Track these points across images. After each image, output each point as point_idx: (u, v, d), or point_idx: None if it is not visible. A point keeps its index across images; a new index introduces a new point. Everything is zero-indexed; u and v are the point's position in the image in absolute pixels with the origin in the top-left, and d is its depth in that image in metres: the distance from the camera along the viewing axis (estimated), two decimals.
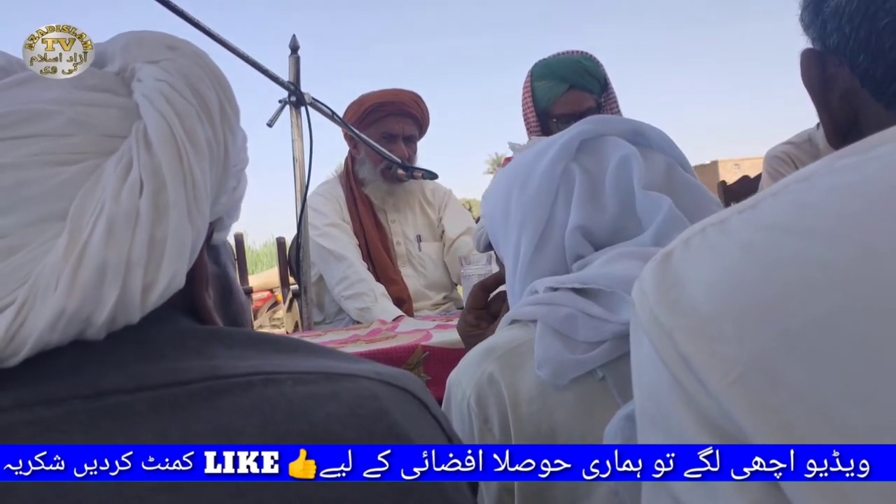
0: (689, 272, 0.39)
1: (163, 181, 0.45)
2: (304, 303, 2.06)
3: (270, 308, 5.15)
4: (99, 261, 0.41)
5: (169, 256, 0.44)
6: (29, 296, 0.41)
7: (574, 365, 0.69)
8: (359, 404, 0.45)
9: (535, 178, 0.82)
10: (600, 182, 0.80)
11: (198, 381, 0.43)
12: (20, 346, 0.40)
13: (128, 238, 0.42)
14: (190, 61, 0.52)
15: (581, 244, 0.78)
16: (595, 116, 0.87)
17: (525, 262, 0.81)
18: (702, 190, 0.84)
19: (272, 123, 1.97)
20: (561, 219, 0.80)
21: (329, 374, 0.46)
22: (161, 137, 0.46)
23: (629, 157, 0.79)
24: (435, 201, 2.50)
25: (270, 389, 0.43)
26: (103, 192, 0.44)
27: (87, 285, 0.41)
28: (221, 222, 0.57)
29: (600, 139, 0.83)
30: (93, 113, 0.47)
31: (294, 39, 2.01)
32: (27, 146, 0.45)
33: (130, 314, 0.43)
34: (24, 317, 0.40)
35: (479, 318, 1.05)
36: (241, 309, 0.62)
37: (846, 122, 0.51)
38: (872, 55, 0.47)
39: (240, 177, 0.57)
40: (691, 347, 0.36)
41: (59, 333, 0.41)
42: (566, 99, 2.25)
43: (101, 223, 0.42)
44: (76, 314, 0.41)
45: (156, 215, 0.44)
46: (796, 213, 0.37)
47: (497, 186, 0.90)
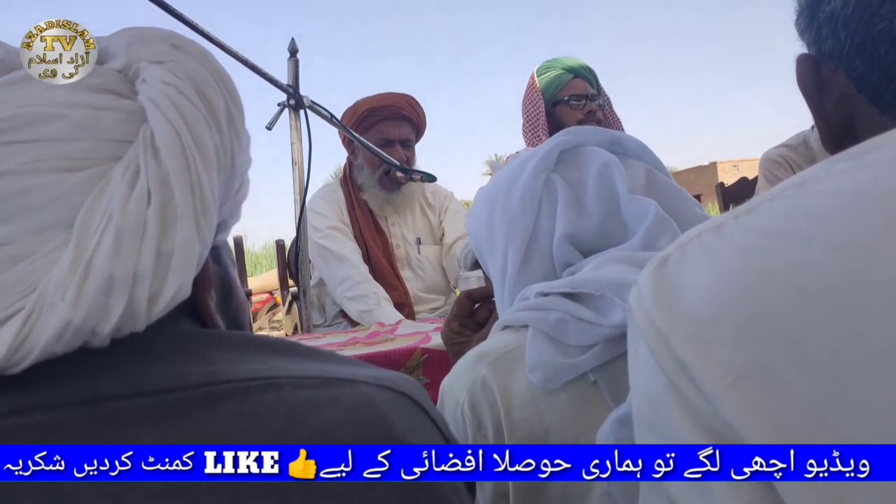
0: (685, 277, 0.39)
1: (171, 192, 0.44)
2: (304, 305, 2.06)
3: (270, 310, 5.14)
4: (106, 274, 0.41)
5: (175, 268, 0.43)
6: (35, 306, 0.40)
7: (566, 369, 0.70)
8: (357, 410, 0.45)
9: (517, 191, 0.83)
10: (583, 190, 0.81)
11: (197, 387, 0.43)
12: (25, 355, 0.40)
13: (135, 251, 0.42)
14: (196, 63, 0.50)
15: (569, 252, 0.79)
16: (573, 128, 0.89)
17: (513, 275, 0.82)
18: (681, 192, 0.85)
19: (271, 126, 1.97)
20: (546, 229, 0.81)
21: (328, 379, 0.46)
22: (169, 146, 0.45)
23: (609, 163, 0.80)
24: (436, 203, 2.50)
25: (269, 395, 0.43)
26: (110, 201, 0.43)
27: (93, 297, 0.40)
28: (224, 223, 0.57)
29: (579, 149, 0.85)
30: (98, 116, 0.46)
31: (293, 42, 2.01)
32: (30, 151, 0.44)
33: (136, 324, 0.43)
34: (30, 327, 0.40)
35: (463, 326, 1.05)
36: (242, 308, 0.61)
37: (842, 128, 0.51)
38: (868, 60, 0.47)
39: (243, 178, 0.56)
40: (688, 352, 0.36)
41: (64, 344, 0.40)
42: (573, 84, 2.42)
43: (109, 235, 0.42)
44: (82, 326, 0.40)
45: (163, 227, 0.43)
46: (792, 219, 0.37)
47: (480, 203, 0.91)
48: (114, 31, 0.54)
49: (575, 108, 2.40)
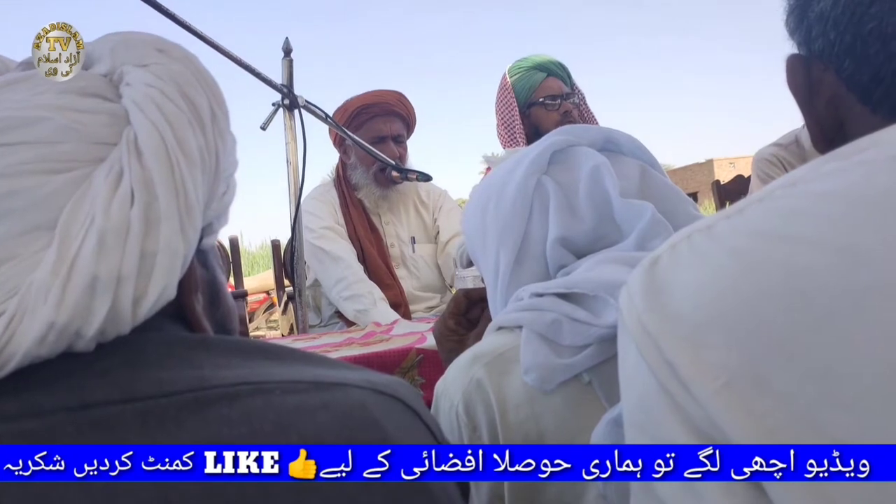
0: (675, 278, 0.39)
1: (154, 193, 0.44)
2: (299, 305, 2.05)
3: (267, 310, 5.14)
4: (89, 274, 0.41)
5: (160, 269, 0.43)
6: (18, 309, 0.40)
7: (561, 369, 0.70)
8: (348, 414, 0.44)
9: (509, 194, 0.83)
10: (574, 193, 0.81)
11: (185, 392, 0.42)
12: (8, 359, 0.40)
13: (118, 252, 0.42)
14: (180, 66, 0.50)
15: (563, 255, 0.79)
16: (565, 127, 0.88)
17: (505, 277, 0.82)
18: (675, 191, 0.85)
19: (266, 126, 1.97)
20: (538, 232, 0.81)
21: (318, 384, 0.46)
22: (152, 147, 0.45)
23: (599, 167, 0.80)
24: (429, 202, 2.50)
25: (258, 400, 0.43)
26: (93, 203, 0.43)
27: (76, 299, 0.40)
28: (211, 227, 0.56)
29: (571, 150, 0.85)
30: (82, 119, 0.46)
31: (287, 42, 2.01)
32: (16, 154, 0.44)
33: (121, 326, 0.43)
34: (13, 330, 0.40)
35: (458, 325, 1.05)
36: (229, 314, 0.61)
37: (833, 128, 0.51)
38: (858, 60, 0.47)
39: (229, 181, 0.56)
40: (678, 354, 0.36)
41: (48, 347, 0.40)
42: (546, 84, 2.40)
43: (92, 236, 0.42)
44: (66, 328, 0.40)
45: (147, 228, 0.43)
46: (783, 219, 0.37)
47: (473, 203, 0.91)
48: (98, 37, 0.54)
49: (550, 109, 2.38)
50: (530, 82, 2.40)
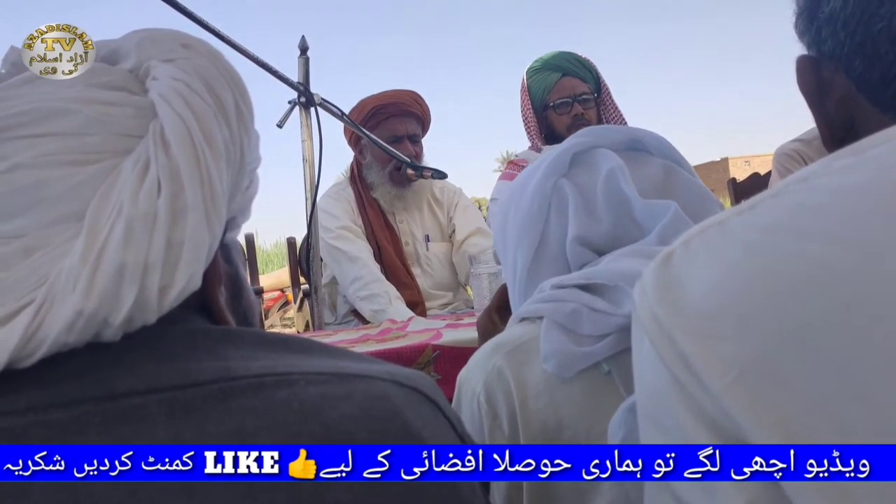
0: (689, 272, 0.39)
1: (181, 183, 0.45)
2: (315, 302, 2.06)
3: (281, 308, 5.15)
4: (117, 263, 0.41)
5: (186, 259, 0.44)
6: (47, 297, 0.41)
7: (579, 357, 0.71)
8: (371, 405, 0.45)
9: (527, 196, 0.84)
10: (592, 195, 0.81)
11: (211, 383, 0.43)
12: (37, 346, 0.40)
13: (145, 240, 0.42)
14: (206, 60, 0.51)
15: (583, 253, 0.80)
16: (589, 128, 0.89)
17: (523, 278, 0.84)
18: (703, 190, 0.85)
19: (282, 124, 1.97)
20: (555, 234, 0.82)
21: (341, 375, 0.46)
22: (179, 139, 0.46)
23: (615, 170, 0.80)
24: (444, 200, 2.50)
25: (283, 390, 0.43)
26: (121, 193, 0.43)
27: (104, 287, 0.41)
28: (234, 221, 0.57)
29: (591, 151, 0.85)
30: (110, 112, 0.47)
31: (303, 40, 2.01)
32: (44, 145, 0.45)
33: (147, 315, 0.43)
34: (42, 318, 0.40)
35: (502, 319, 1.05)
36: (251, 307, 0.62)
37: (843, 128, 0.51)
38: (868, 60, 0.47)
39: (252, 176, 0.57)
40: (691, 347, 0.36)
41: (76, 334, 0.41)
42: (560, 85, 2.37)
43: (120, 225, 0.42)
44: (94, 315, 0.41)
45: (173, 218, 0.44)
46: (795, 214, 0.37)
47: (499, 204, 0.93)
48: (124, 34, 0.55)
49: (561, 113, 2.36)
50: (545, 84, 2.38)
